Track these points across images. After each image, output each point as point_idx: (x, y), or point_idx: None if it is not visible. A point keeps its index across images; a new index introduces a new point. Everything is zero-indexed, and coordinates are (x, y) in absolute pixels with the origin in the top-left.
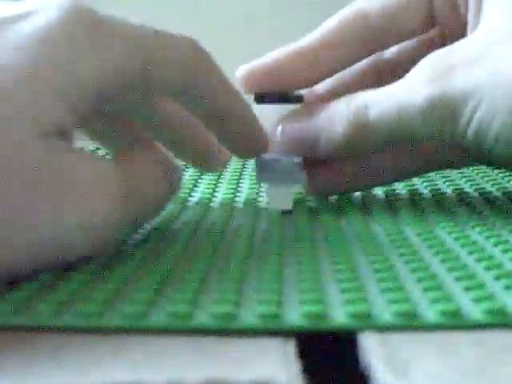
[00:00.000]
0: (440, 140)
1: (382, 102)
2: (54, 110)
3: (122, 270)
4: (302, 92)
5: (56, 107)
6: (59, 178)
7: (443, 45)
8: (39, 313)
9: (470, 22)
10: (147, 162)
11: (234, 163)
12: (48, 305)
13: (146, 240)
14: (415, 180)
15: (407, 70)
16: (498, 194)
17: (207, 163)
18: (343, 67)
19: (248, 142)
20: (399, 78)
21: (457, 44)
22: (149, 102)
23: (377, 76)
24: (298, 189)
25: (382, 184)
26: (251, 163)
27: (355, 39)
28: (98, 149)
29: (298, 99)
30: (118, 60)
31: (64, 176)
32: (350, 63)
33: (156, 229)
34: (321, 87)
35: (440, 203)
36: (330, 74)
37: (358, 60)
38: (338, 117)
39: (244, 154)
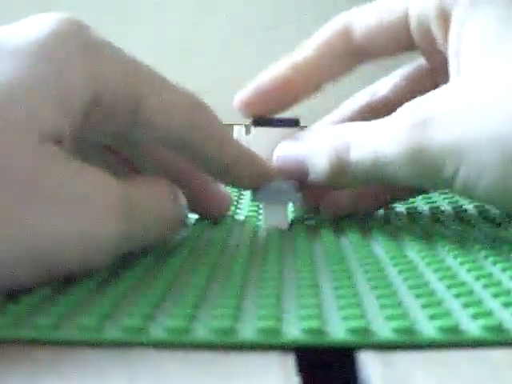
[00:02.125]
0: (423, 187)
1: (362, 145)
2: (48, 115)
3: (122, 285)
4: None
5: (49, 112)
6: (53, 185)
7: (434, 81)
8: (39, 326)
9: (451, 62)
10: (151, 182)
11: None
12: (48, 318)
13: (146, 255)
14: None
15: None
16: (498, 212)
17: (206, 207)
18: (333, 78)
19: (253, 181)
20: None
21: (437, 93)
22: (143, 145)
23: (374, 113)
24: (293, 208)
25: (382, 205)
26: None
27: (341, 54)
28: None
29: (295, 123)
30: (110, 75)
31: (59, 183)
32: (340, 74)
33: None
34: (321, 124)
35: (439, 220)
36: (323, 84)
37: (347, 71)
38: (320, 152)
39: (252, 188)
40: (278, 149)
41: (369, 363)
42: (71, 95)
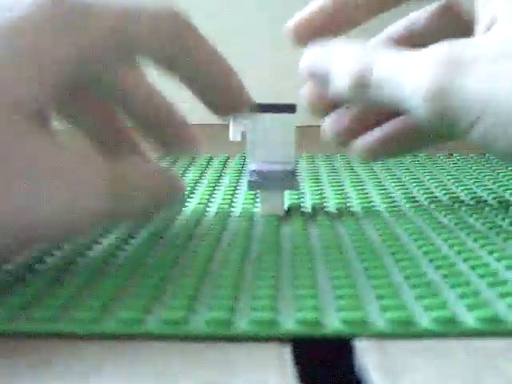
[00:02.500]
0: (437, 130)
1: (386, 68)
2: (21, 88)
3: (118, 276)
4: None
5: (23, 85)
6: (26, 160)
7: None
8: (36, 319)
9: (480, 15)
10: (139, 159)
11: (232, 170)
12: (45, 311)
13: (142, 246)
14: (411, 186)
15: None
16: (494, 202)
17: (180, 143)
18: (374, 13)
19: (229, 96)
20: None
21: (475, 38)
22: (124, 77)
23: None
24: (290, 194)
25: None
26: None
27: None
28: None
29: (291, 109)
30: (97, 36)
31: (32, 158)
32: (368, 17)
33: (151, 234)
34: None
35: (435, 210)
36: (366, 18)
37: (372, 15)
38: (343, 66)
39: (225, 110)
40: (307, 54)
41: (365, 351)
42: (51, 65)
